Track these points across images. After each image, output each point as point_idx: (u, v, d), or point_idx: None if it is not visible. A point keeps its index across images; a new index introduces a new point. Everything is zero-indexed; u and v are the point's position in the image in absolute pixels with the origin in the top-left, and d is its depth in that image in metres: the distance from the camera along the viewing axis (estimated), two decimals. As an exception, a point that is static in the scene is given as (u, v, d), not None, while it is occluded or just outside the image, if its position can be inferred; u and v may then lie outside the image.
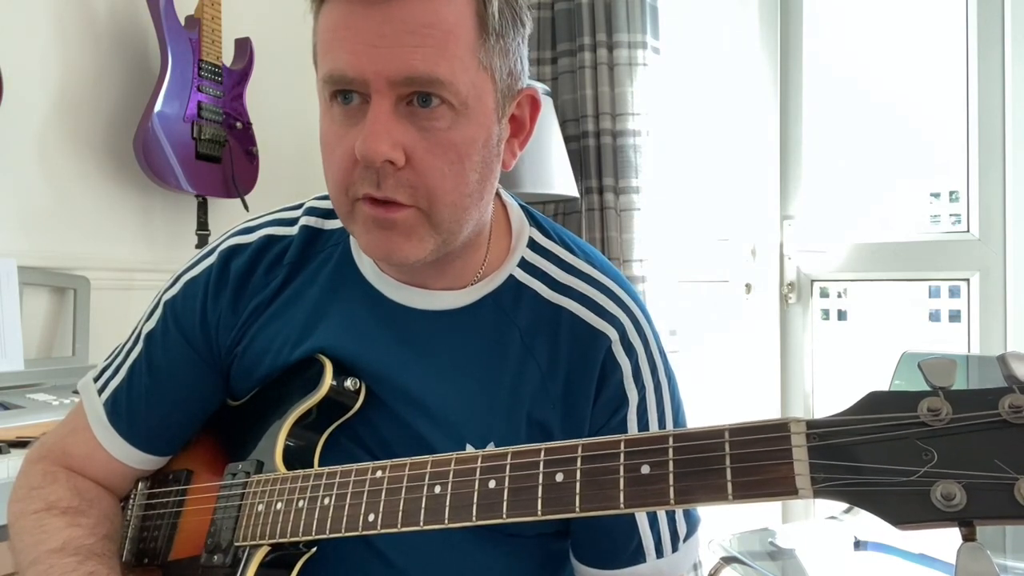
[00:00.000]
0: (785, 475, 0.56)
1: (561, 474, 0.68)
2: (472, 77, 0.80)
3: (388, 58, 0.76)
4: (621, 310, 0.93)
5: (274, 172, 2.48)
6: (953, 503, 0.51)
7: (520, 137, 0.92)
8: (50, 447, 1.04)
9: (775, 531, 1.99)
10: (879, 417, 0.54)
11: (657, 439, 0.64)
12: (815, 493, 0.54)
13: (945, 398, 0.53)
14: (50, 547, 0.91)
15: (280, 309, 0.97)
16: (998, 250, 2.04)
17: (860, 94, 2.37)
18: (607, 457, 0.66)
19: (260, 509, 0.88)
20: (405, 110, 0.79)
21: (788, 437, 0.57)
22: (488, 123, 0.84)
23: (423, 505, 0.75)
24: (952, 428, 0.52)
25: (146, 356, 0.99)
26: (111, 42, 2.21)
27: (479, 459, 0.73)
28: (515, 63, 0.86)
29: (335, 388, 0.90)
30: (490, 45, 0.81)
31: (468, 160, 0.82)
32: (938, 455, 0.52)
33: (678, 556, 0.92)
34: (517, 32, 0.85)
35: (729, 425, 0.61)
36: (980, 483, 0.50)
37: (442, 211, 0.82)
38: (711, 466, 0.60)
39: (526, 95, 0.90)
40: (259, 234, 0.99)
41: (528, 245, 0.96)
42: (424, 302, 0.93)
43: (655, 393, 0.92)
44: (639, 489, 0.63)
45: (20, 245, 2.00)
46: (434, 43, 0.77)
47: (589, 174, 2.36)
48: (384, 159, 0.78)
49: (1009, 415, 0.51)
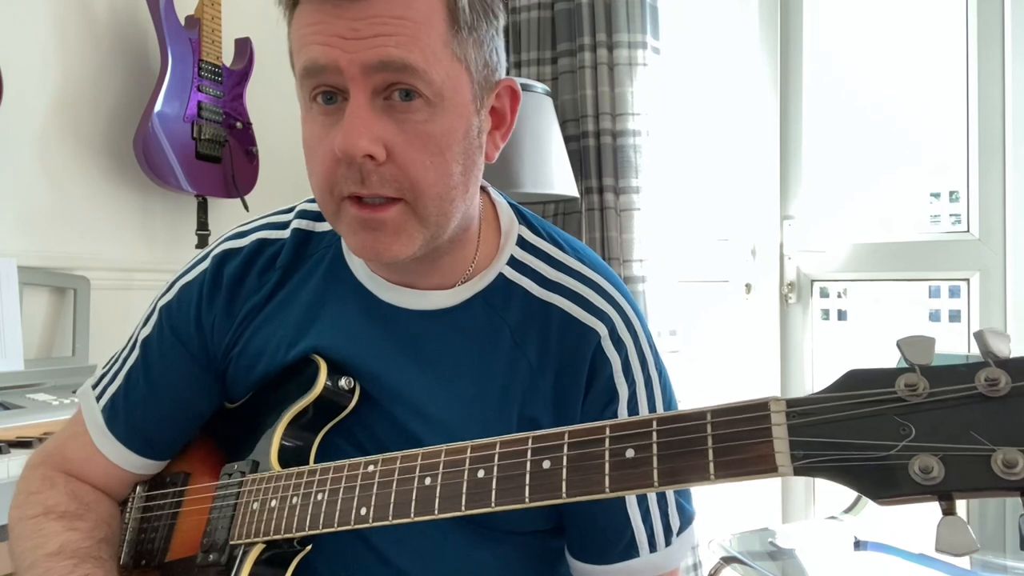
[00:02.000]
0: (765, 453, 0.57)
1: (548, 461, 0.68)
2: (446, 68, 0.80)
3: (361, 46, 0.77)
4: (610, 306, 0.93)
5: (274, 172, 2.49)
6: (931, 476, 0.51)
7: (502, 129, 0.92)
8: (49, 453, 1.05)
9: (775, 531, 1.98)
10: (858, 394, 0.55)
11: (641, 423, 0.65)
12: (795, 471, 0.55)
13: (922, 373, 0.53)
14: (47, 551, 0.92)
15: (274, 312, 0.97)
16: (998, 250, 2.04)
17: (860, 94, 2.37)
18: (593, 443, 0.67)
19: (255, 507, 0.89)
20: (383, 104, 0.79)
21: (768, 416, 0.57)
22: (467, 115, 0.84)
23: (413, 497, 0.76)
24: (929, 403, 0.53)
25: (143, 362, 1.00)
26: (111, 42, 2.22)
27: (468, 449, 0.74)
28: (490, 54, 0.86)
29: (329, 387, 0.91)
30: (462, 37, 0.81)
31: (449, 152, 0.82)
32: (916, 430, 0.52)
33: (671, 550, 0.92)
34: (490, 24, 0.86)
35: (712, 407, 0.61)
36: (957, 456, 0.51)
37: (428, 204, 0.82)
38: (694, 447, 0.60)
39: (505, 86, 0.90)
40: (251, 238, 1.00)
41: (517, 243, 0.97)
42: (415, 302, 0.93)
43: (646, 387, 0.93)
44: (624, 473, 0.64)
45: (20, 245, 2.01)
46: (407, 32, 0.77)
47: (589, 174, 2.36)
48: (364, 153, 0.78)
49: (985, 388, 0.51)
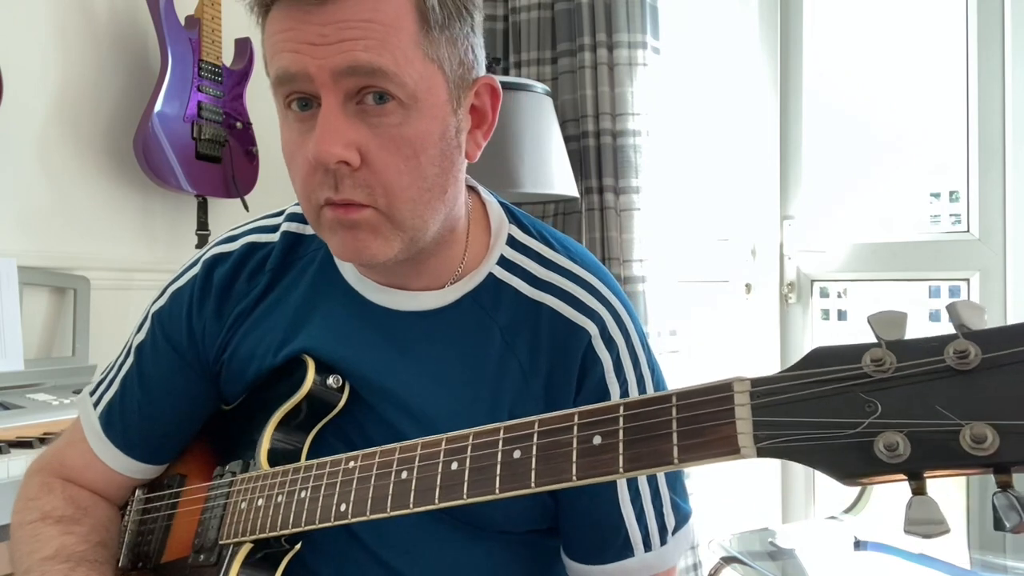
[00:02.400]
0: (727, 435, 0.55)
1: (519, 451, 0.68)
2: (419, 69, 0.79)
3: (330, 53, 0.76)
4: (601, 304, 0.93)
5: (274, 172, 2.49)
6: (896, 453, 0.49)
7: (483, 128, 0.91)
8: (48, 460, 1.06)
9: (775, 531, 1.97)
10: (822, 371, 0.53)
11: (609, 409, 0.64)
12: (758, 452, 0.54)
13: (888, 348, 0.52)
14: (43, 555, 0.93)
15: (263, 314, 0.97)
16: (998, 250, 2.02)
17: (860, 94, 2.36)
18: (561, 431, 0.66)
19: (243, 507, 0.89)
20: (355, 109, 0.79)
21: (731, 397, 0.56)
22: (442, 115, 0.83)
23: (390, 491, 0.76)
24: (896, 379, 0.51)
25: (137, 368, 1.01)
26: (111, 42, 2.23)
27: (443, 442, 0.74)
28: (465, 52, 0.85)
29: (318, 385, 0.91)
30: (434, 37, 0.80)
31: (424, 154, 0.81)
32: (882, 406, 0.51)
33: (666, 549, 0.92)
34: (464, 22, 0.84)
35: (678, 390, 0.60)
36: (924, 432, 0.49)
37: (401, 208, 0.82)
38: (658, 431, 0.60)
39: (483, 84, 0.89)
40: (241, 242, 1.00)
41: (507, 242, 0.96)
42: (404, 303, 0.93)
43: (638, 386, 0.92)
44: (590, 460, 0.63)
45: (20, 245, 2.02)
46: (375, 35, 0.76)
47: (589, 174, 2.35)
48: (337, 160, 0.78)
49: (954, 361, 0.49)
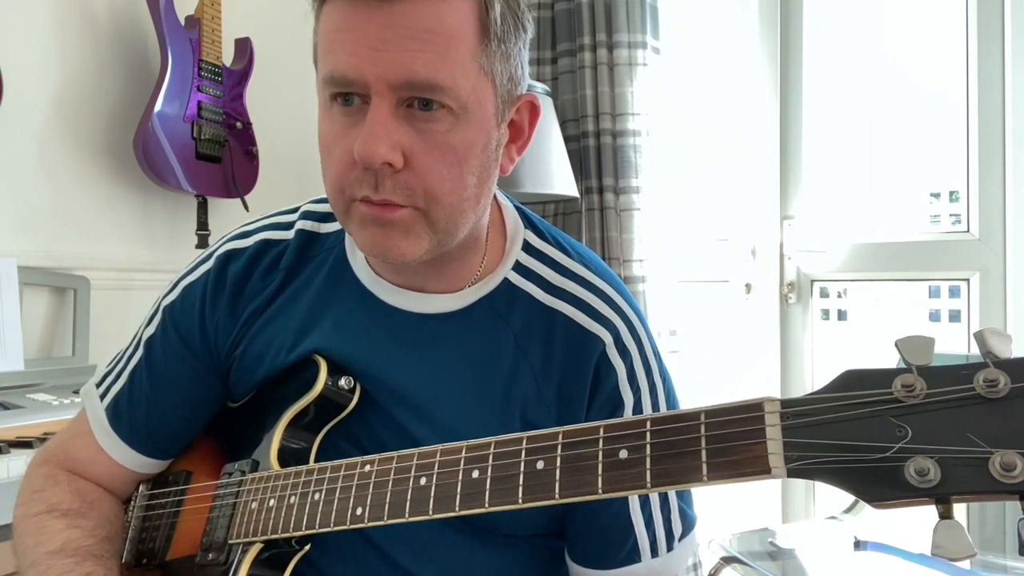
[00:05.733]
0: (758, 455, 0.56)
1: (542, 461, 0.68)
2: (473, 82, 0.80)
3: (389, 62, 0.76)
4: (615, 313, 0.93)
5: (274, 172, 2.49)
6: (927, 479, 0.50)
7: (518, 143, 0.91)
8: (53, 451, 1.05)
9: (775, 531, 1.97)
10: (853, 395, 0.54)
11: (635, 424, 0.64)
12: (788, 472, 0.54)
13: (919, 374, 0.52)
14: (49, 549, 0.92)
15: (277, 312, 0.97)
16: (998, 250, 2.03)
17: (860, 94, 2.36)
18: (586, 443, 0.66)
19: (253, 507, 0.89)
20: (405, 112, 0.79)
21: (762, 417, 0.57)
22: (488, 127, 0.83)
23: (408, 497, 0.75)
24: (926, 404, 0.52)
25: (146, 361, 1.00)
26: (111, 42, 2.22)
27: (464, 449, 0.74)
28: (516, 68, 0.85)
29: (329, 387, 0.91)
30: (491, 50, 0.81)
31: (466, 163, 0.82)
32: (912, 431, 0.51)
33: (673, 555, 0.92)
34: (519, 37, 0.85)
35: (706, 407, 0.60)
36: (954, 458, 0.50)
37: (439, 212, 0.82)
38: (687, 448, 0.60)
39: (525, 101, 0.89)
40: (255, 238, 0.99)
41: (523, 248, 0.96)
42: (418, 305, 0.93)
43: (650, 395, 0.92)
44: (617, 474, 0.63)
45: (20, 245, 2.01)
46: (436, 48, 0.76)
47: (589, 174, 2.35)
48: (383, 161, 0.77)
49: (984, 390, 0.50)
